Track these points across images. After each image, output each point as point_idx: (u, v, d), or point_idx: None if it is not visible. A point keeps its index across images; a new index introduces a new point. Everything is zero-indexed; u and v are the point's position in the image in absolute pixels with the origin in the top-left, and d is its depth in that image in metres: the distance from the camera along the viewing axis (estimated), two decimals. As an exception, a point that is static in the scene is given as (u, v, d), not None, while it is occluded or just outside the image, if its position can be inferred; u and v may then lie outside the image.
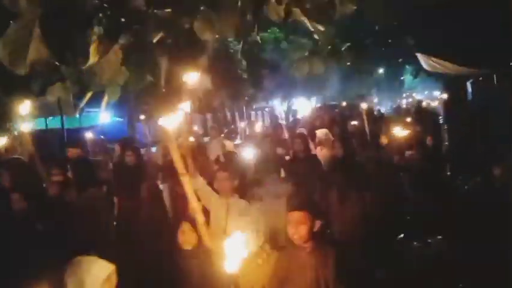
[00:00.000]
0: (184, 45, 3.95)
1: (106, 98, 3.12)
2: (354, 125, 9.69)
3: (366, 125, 7.83)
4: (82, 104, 2.88)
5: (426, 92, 22.55)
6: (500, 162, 4.45)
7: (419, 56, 5.04)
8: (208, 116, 15.34)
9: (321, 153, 6.60)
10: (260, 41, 11.49)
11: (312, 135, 7.67)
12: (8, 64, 2.21)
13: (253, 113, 17.45)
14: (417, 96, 22.28)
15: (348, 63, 11.27)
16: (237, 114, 14.35)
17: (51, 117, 10.51)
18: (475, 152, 7.62)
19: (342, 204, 4.56)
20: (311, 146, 6.66)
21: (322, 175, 5.23)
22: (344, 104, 16.24)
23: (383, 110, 16.25)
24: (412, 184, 6.10)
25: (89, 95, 3.17)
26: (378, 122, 10.03)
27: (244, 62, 11.14)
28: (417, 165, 6.11)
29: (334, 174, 4.99)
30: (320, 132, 7.52)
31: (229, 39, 10.18)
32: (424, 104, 17.43)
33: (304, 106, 17.42)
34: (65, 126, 9.61)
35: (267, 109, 18.99)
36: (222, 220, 3.82)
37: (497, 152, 5.81)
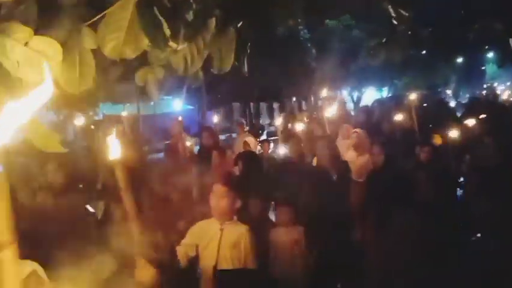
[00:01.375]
0: (262, 33, 3.94)
1: (186, 84, 3.17)
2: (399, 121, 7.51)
3: (415, 121, 6.45)
4: (164, 89, 2.97)
5: (509, 83, 20.87)
6: None
7: (511, 40, 4.62)
8: (275, 105, 15.36)
9: (354, 159, 5.58)
10: (331, 30, 11.26)
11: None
12: (104, 49, 2.31)
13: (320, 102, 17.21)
14: (499, 87, 20.67)
15: (424, 51, 10.69)
16: (304, 103, 14.24)
17: (128, 104, 11.09)
18: None
19: (381, 232, 3.62)
20: (345, 149, 5.68)
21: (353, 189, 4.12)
22: (413, 95, 15.19)
23: (453, 103, 14.88)
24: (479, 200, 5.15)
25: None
26: (432, 116, 8.04)
27: (314, 51, 11.00)
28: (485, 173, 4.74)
29: (370, 190, 3.88)
30: (354, 133, 6.10)
31: (300, 27, 10.09)
32: (506, 95, 16.09)
33: (374, 96, 16.84)
34: (141, 113, 10.10)
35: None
36: (211, 255, 2.85)
37: None
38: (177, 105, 10.99)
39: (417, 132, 6.14)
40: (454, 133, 5.19)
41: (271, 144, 7.65)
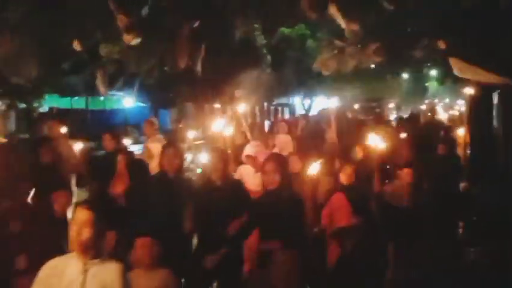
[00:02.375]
0: (218, 35, 3.99)
1: (137, 81, 3.17)
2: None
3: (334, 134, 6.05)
4: (115, 86, 2.94)
5: (447, 100, 22.19)
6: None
7: (452, 60, 4.98)
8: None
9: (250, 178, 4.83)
10: (286, 38, 11.51)
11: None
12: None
13: (272, 108, 17.46)
14: (439, 103, 21.94)
15: (373, 66, 11.20)
16: (256, 108, 14.37)
17: (76, 97, 10.72)
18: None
19: (263, 264, 3.21)
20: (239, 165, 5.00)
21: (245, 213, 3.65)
22: (333, 110, 15.30)
23: (392, 117, 15.46)
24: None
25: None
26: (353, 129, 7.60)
27: (268, 57, 11.17)
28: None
29: (256, 214, 3.47)
30: (250, 146, 5.36)
31: (256, 33, 10.23)
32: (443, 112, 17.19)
33: (324, 105, 17.37)
34: (89, 107, 9.79)
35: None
36: None
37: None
38: (128, 102, 10.75)
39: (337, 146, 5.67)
40: (378, 149, 4.70)
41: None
